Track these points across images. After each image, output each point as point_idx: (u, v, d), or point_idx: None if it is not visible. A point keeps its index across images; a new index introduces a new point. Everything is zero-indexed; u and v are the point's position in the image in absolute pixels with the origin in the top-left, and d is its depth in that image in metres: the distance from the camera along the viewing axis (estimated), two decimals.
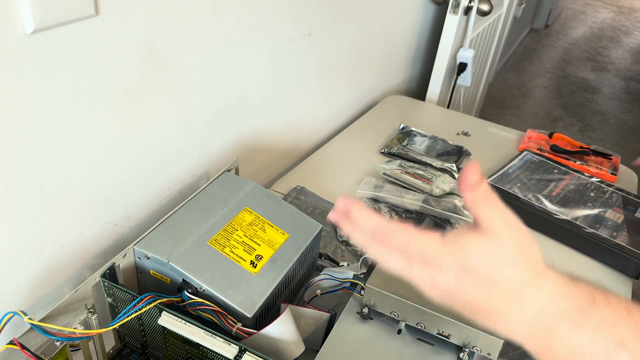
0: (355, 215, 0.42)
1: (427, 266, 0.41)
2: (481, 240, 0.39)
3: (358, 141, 1.12)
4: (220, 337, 0.50)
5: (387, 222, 0.42)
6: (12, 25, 0.46)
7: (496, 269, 0.39)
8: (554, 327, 0.38)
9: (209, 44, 0.71)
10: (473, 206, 0.40)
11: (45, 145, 0.54)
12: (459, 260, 0.39)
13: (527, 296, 0.39)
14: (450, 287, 0.40)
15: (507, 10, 1.81)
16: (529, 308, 0.39)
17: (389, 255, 0.42)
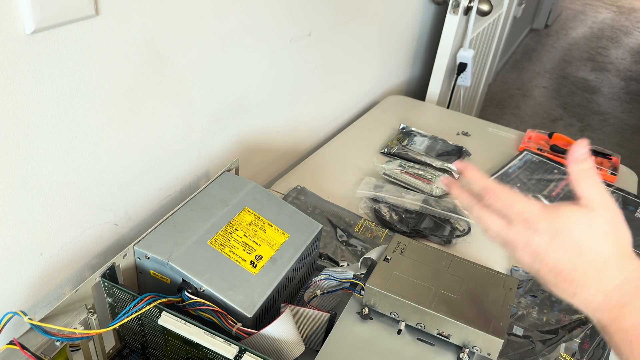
0: (467, 175, 0.48)
1: (524, 228, 0.45)
2: (578, 211, 0.44)
3: (358, 141, 1.12)
4: (220, 337, 0.50)
5: (495, 184, 0.47)
6: (12, 25, 0.46)
7: (587, 238, 0.43)
8: (628, 300, 0.42)
9: (209, 44, 0.71)
10: (576, 180, 0.45)
11: (45, 145, 0.54)
12: (554, 225, 0.44)
13: (610, 271, 0.43)
14: (541, 250, 0.44)
15: (507, 10, 1.81)
16: (609, 281, 0.43)
17: (491, 216, 0.46)
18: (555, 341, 0.69)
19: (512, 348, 0.67)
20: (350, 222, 0.86)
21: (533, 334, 0.69)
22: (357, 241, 0.82)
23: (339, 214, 0.87)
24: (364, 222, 0.86)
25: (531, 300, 0.75)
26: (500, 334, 0.52)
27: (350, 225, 0.85)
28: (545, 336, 0.69)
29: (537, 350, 0.67)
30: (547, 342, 0.68)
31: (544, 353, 0.67)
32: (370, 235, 0.84)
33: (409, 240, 0.63)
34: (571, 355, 0.67)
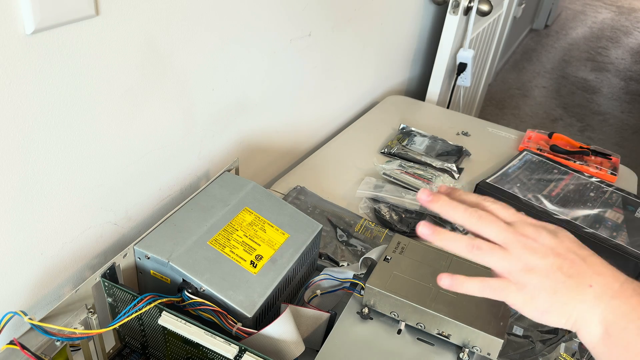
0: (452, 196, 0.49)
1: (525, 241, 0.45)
2: None
3: (358, 141, 1.12)
4: (220, 337, 0.50)
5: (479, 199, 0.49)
6: (12, 25, 0.46)
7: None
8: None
9: (209, 44, 0.71)
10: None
11: (45, 145, 0.54)
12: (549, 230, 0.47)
13: (613, 270, 0.44)
14: (552, 246, 0.45)
15: (507, 10, 1.81)
16: (619, 273, 0.44)
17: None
18: (555, 341, 0.69)
19: (512, 348, 0.67)
20: (350, 222, 0.86)
21: (533, 334, 0.69)
22: (357, 241, 0.82)
23: (339, 214, 0.88)
24: (364, 222, 0.86)
25: None
26: (500, 334, 0.52)
27: (350, 225, 0.85)
28: (545, 336, 0.69)
29: (537, 350, 0.67)
30: (547, 342, 0.68)
31: (543, 353, 0.67)
32: (370, 235, 0.84)
33: (409, 240, 0.63)
34: (571, 355, 0.67)
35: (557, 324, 0.44)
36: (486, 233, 0.45)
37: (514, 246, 0.44)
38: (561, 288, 0.43)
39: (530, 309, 0.44)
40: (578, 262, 0.44)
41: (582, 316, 0.43)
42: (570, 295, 0.43)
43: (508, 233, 0.45)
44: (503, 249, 0.44)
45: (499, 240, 0.45)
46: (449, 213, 0.46)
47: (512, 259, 0.44)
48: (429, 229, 0.46)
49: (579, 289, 0.43)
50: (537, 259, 0.44)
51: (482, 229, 0.46)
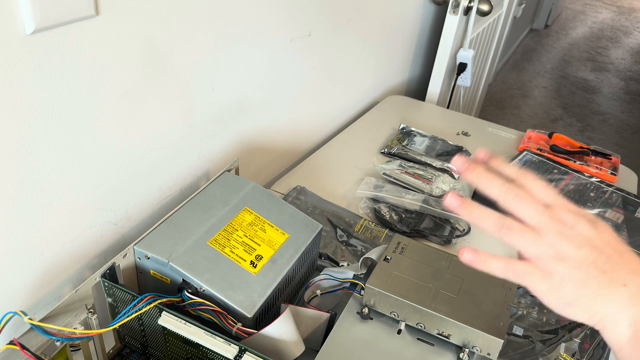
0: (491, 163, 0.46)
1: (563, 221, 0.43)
2: None
3: (358, 141, 1.12)
4: (220, 337, 0.50)
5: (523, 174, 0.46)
6: (12, 25, 0.46)
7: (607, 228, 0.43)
8: None
9: (209, 44, 0.71)
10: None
11: (45, 145, 0.54)
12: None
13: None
14: (586, 237, 0.42)
15: (507, 10, 1.81)
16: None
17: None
18: (555, 341, 0.69)
19: (512, 348, 0.67)
20: (350, 222, 0.86)
21: (533, 334, 0.69)
22: (357, 241, 0.82)
23: (339, 214, 0.88)
24: (364, 222, 0.86)
25: (531, 300, 0.75)
26: (500, 334, 0.52)
27: (350, 225, 0.85)
28: (545, 336, 0.69)
29: (537, 350, 0.67)
30: (547, 342, 0.68)
31: (543, 353, 0.67)
32: (370, 235, 0.84)
33: (409, 240, 0.63)
34: (571, 355, 0.67)
35: (579, 318, 0.41)
36: (521, 213, 0.42)
37: (548, 231, 0.41)
38: (592, 283, 0.40)
39: (553, 299, 0.42)
40: (615, 258, 0.41)
41: (611, 316, 0.40)
42: (600, 292, 0.40)
43: (544, 216, 0.42)
44: (535, 233, 0.42)
45: (533, 223, 0.42)
46: (484, 185, 0.43)
47: (544, 244, 0.41)
48: (458, 200, 0.43)
49: (612, 287, 0.40)
50: (571, 248, 0.41)
51: (517, 208, 0.43)
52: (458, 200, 0.43)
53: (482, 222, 0.43)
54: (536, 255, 0.42)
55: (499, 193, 0.43)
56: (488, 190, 0.43)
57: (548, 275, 0.41)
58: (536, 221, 0.42)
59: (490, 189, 0.43)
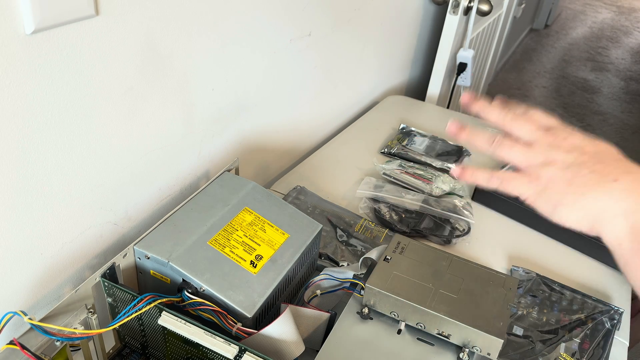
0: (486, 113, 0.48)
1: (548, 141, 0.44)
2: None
3: (358, 141, 1.12)
4: (220, 337, 0.50)
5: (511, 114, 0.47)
6: (12, 25, 0.46)
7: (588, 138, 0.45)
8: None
9: (209, 44, 0.71)
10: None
11: (45, 145, 0.54)
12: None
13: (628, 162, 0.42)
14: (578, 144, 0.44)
15: (507, 10, 1.81)
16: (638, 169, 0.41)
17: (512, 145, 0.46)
18: (555, 341, 0.69)
19: (512, 348, 0.67)
20: (350, 222, 0.86)
21: (533, 334, 0.69)
22: (357, 241, 0.82)
23: (339, 214, 0.88)
24: (364, 222, 0.86)
25: (531, 300, 0.75)
26: (500, 334, 0.52)
27: (350, 225, 0.85)
28: (545, 336, 0.69)
29: (537, 350, 0.67)
30: (547, 342, 0.68)
31: (543, 353, 0.67)
32: (370, 235, 0.84)
33: (409, 240, 0.63)
34: (571, 355, 0.67)
35: (573, 221, 0.40)
36: (517, 131, 0.43)
37: (540, 143, 0.42)
38: (581, 180, 0.40)
39: (542, 202, 0.42)
40: (607, 160, 0.41)
41: (605, 210, 0.39)
42: (589, 187, 0.40)
43: (539, 132, 0.43)
44: (526, 146, 0.43)
45: (528, 139, 0.43)
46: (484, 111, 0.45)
47: (533, 153, 0.42)
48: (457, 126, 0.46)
49: (602, 183, 0.40)
50: (559, 153, 0.41)
51: (514, 127, 0.44)
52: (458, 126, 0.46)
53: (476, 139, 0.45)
54: (526, 163, 0.43)
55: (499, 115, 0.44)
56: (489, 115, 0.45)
57: (535, 179, 0.42)
58: (531, 136, 0.43)
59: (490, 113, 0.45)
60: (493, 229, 0.90)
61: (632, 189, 0.39)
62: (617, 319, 0.72)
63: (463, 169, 0.46)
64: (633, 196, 0.39)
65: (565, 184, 0.40)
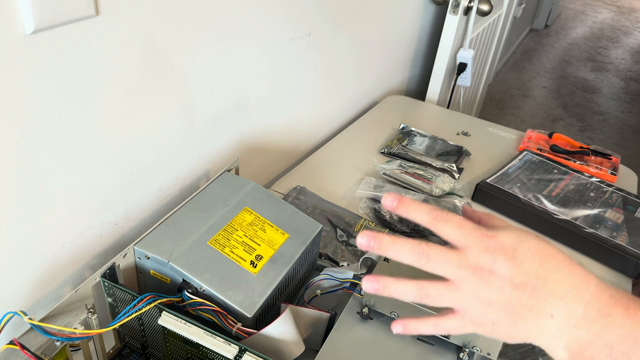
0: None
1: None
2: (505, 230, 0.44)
3: (358, 141, 1.12)
4: (220, 337, 0.50)
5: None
6: (12, 25, 0.46)
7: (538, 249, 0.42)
8: (610, 310, 0.40)
9: (209, 44, 0.71)
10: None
11: (45, 145, 0.54)
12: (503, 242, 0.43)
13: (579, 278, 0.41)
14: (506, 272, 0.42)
15: (507, 10, 1.81)
16: (584, 290, 0.41)
17: None
18: None
19: (512, 348, 0.67)
20: (350, 222, 0.86)
21: None
22: None
23: (339, 214, 0.88)
24: (364, 222, 0.86)
25: None
26: None
27: (350, 225, 0.85)
28: None
29: (537, 350, 0.67)
30: None
31: (544, 353, 0.67)
32: None
33: None
34: None
35: (527, 343, 0.44)
36: (438, 272, 0.42)
37: (467, 283, 0.41)
38: (520, 321, 0.41)
39: (495, 337, 0.43)
40: (539, 289, 0.41)
41: (547, 345, 0.42)
42: (530, 328, 0.42)
43: (460, 269, 0.42)
44: (455, 288, 0.42)
45: (451, 278, 0.42)
46: (395, 255, 0.43)
47: (466, 298, 0.42)
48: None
49: (539, 322, 0.41)
50: (493, 295, 0.41)
51: (433, 270, 0.42)
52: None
53: (403, 296, 0.43)
54: (464, 309, 0.43)
55: (411, 260, 0.43)
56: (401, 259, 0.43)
57: (479, 324, 0.42)
58: (454, 276, 0.42)
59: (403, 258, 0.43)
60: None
61: (566, 324, 0.41)
62: None
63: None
64: (568, 332, 0.41)
65: (510, 326, 0.42)
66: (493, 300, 0.41)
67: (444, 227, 0.43)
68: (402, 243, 0.43)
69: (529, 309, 0.41)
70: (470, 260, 0.42)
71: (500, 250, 0.41)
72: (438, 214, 0.43)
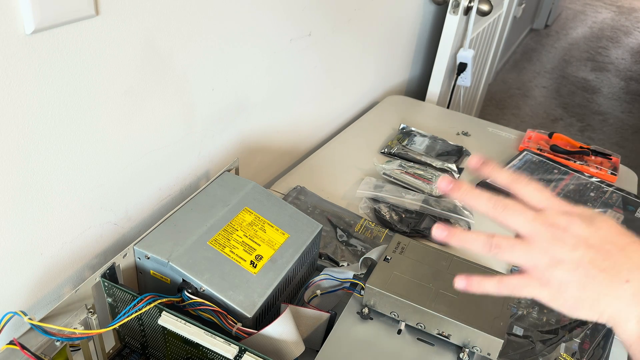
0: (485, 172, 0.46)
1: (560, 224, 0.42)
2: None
3: (358, 141, 1.12)
4: (220, 337, 0.50)
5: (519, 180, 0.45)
6: (12, 25, 0.46)
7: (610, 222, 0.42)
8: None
9: (209, 44, 0.71)
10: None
11: (45, 145, 0.54)
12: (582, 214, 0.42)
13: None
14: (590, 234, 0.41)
15: (507, 10, 1.81)
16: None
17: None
18: (555, 341, 0.69)
19: (512, 348, 0.67)
20: (350, 222, 0.86)
21: (533, 334, 0.69)
22: (357, 241, 0.82)
23: (339, 214, 0.87)
24: (364, 222, 0.86)
25: (531, 300, 0.75)
26: (500, 334, 0.52)
27: (350, 225, 0.85)
28: (545, 336, 0.69)
29: (537, 350, 0.67)
30: (547, 342, 0.68)
31: (544, 353, 0.67)
32: (370, 235, 0.84)
33: (409, 240, 0.63)
34: (571, 355, 0.67)
35: (589, 318, 0.40)
36: (512, 224, 0.42)
37: (540, 238, 0.40)
38: (592, 283, 0.39)
39: (558, 305, 0.41)
40: (615, 254, 0.39)
41: (618, 314, 0.39)
42: (602, 291, 0.39)
43: (535, 224, 0.41)
44: (526, 243, 0.41)
45: (524, 232, 0.41)
46: (471, 202, 0.43)
47: (536, 253, 0.40)
48: (444, 231, 0.43)
49: (614, 285, 0.39)
50: (565, 251, 0.39)
51: (507, 221, 0.42)
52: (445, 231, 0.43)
53: (471, 245, 0.43)
54: (532, 265, 0.41)
55: (487, 208, 0.43)
56: (475, 206, 0.43)
57: (546, 283, 0.41)
58: (527, 230, 0.41)
59: (478, 205, 0.43)
60: (493, 229, 0.90)
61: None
62: None
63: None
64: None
65: (579, 287, 0.39)
66: (564, 258, 0.40)
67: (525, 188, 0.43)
68: (480, 192, 0.43)
69: (603, 270, 0.39)
70: (547, 218, 0.41)
71: (577, 215, 0.41)
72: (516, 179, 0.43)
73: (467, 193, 0.44)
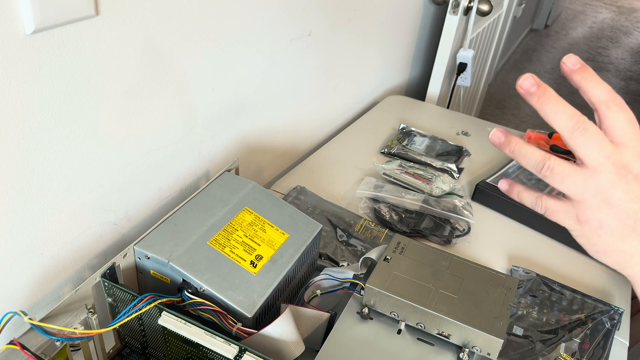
0: None
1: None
2: None
3: (358, 141, 1.12)
4: (220, 337, 0.50)
5: None
6: (12, 25, 0.46)
7: None
8: None
9: (209, 44, 0.71)
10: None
11: (45, 145, 0.54)
12: None
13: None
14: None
15: (507, 10, 1.81)
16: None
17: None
18: (555, 341, 0.69)
19: (512, 348, 0.67)
20: (350, 222, 0.86)
21: (533, 334, 0.69)
22: (357, 241, 0.82)
23: (339, 214, 0.88)
24: (364, 222, 0.86)
25: (531, 300, 0.75)
26: (500, 334, 0.52)
27: (350, 225, 0.85)
28: (545, 336, 0.69)
29: (537, 350, 0.67)
30: (547, 342, 0.68)
31: (544, 353, 0.67)
32: (370, 235, 0.84)
33: (409, 240, 0.63)
34: (571, 355, 0.67)
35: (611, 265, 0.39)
36: (582, 150, 0.38)
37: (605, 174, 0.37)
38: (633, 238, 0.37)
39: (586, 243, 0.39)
40: None
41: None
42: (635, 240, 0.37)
43: (606, 159, 0.37)
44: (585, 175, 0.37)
45: (592, 163, 0.37)
46: (550, 114, 0.38)
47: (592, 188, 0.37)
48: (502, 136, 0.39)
49: None
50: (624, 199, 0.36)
51: (581, 144, 0.38)
52: (503, 137, 0.40)
53: (524, 158, 0.39)
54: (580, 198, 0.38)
55: (565, 126, 0.38)
56: (554, 120, 0.38)
57: (585, 221, 0.38)
58: (596, 162, 0.37)
59: (557, 119, 0.38)
60: (493, 229, 0.90)
61: None
62: (617, 319, 0.72)
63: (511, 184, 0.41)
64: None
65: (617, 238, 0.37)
66: (618, 204, 0.37)
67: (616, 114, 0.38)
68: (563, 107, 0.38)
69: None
70: (622, 158, 0.37)
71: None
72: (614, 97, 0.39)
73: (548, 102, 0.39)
